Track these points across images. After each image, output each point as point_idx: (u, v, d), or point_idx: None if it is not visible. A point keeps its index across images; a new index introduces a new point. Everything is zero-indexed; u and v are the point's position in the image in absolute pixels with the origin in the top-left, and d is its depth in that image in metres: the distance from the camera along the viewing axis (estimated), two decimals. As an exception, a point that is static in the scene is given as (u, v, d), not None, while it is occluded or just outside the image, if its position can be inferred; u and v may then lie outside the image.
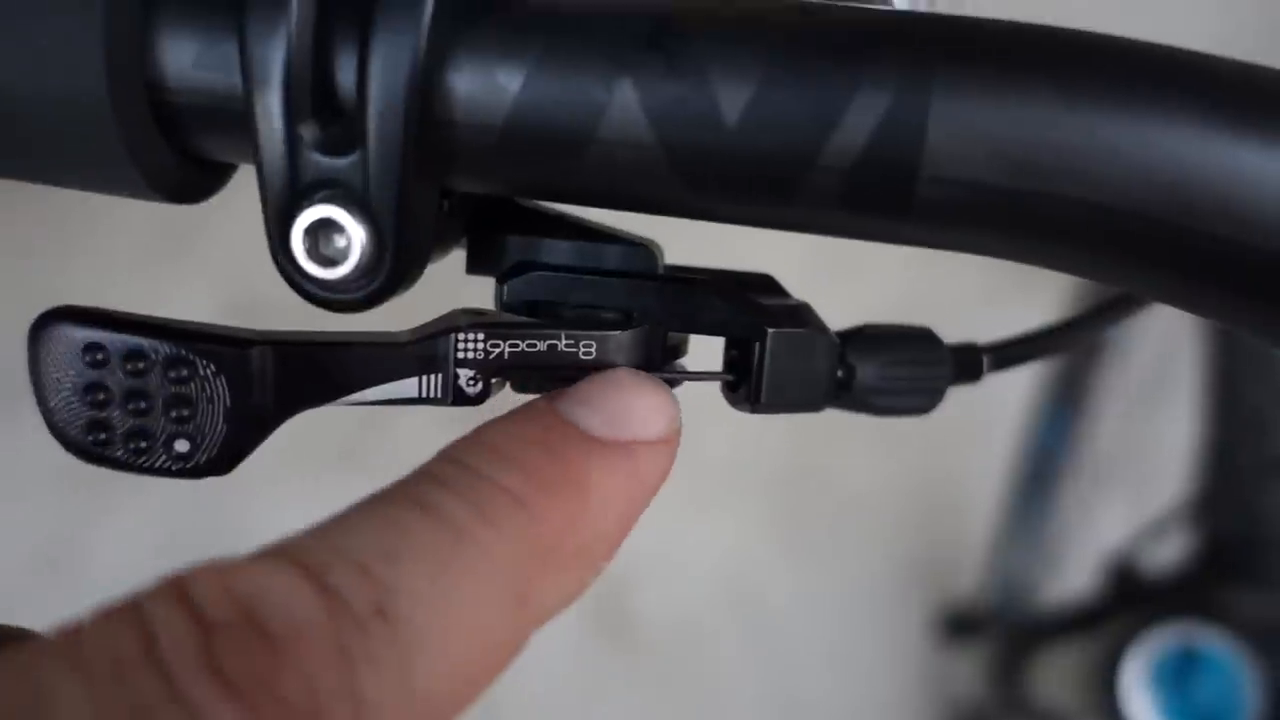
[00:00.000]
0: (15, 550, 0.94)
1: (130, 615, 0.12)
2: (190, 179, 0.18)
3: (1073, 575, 0.79)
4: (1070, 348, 0.26)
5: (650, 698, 0.96)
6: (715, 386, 0.20)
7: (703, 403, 0.23)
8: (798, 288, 0.21)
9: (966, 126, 0.15)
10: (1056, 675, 0.63)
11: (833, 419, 0.18)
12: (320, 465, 0.98)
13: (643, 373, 0.18)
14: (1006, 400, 0.87)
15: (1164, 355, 0.76)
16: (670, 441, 0.17)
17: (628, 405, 0.16)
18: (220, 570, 0.13)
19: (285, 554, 0.13)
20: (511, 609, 0.14)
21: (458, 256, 0.21)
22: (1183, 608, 0.52)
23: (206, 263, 1.03)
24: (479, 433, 0.16)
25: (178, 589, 0.12)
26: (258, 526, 0.97)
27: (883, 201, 0.16)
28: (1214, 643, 0.50)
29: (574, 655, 0.93)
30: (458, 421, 0.16)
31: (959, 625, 0.92)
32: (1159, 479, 0.70)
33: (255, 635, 0.12)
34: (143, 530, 0.97)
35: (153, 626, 0.12)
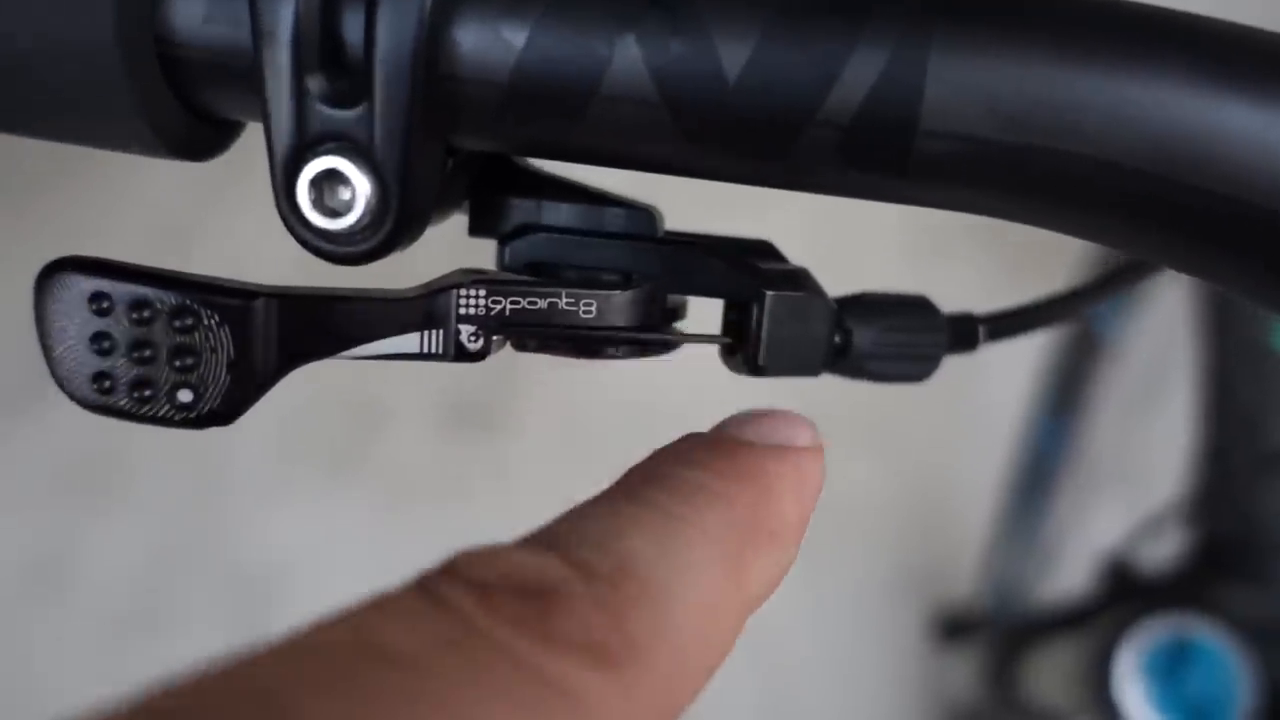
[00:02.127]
0: (6, 556, 0.94)
1: (432, 605, 0.13)
2: (198, 135, 0.18)
3: (1068, 576, 0.79)
4: (1066, 320, 0.26)
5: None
6: (718, 390, 0.21)
7: (701, 409, 0.23)
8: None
9: (964, 82, 0.15)
10: (1051, 673, 0.63)
11: (830, 427, 0.19)
12: (313, 472, 0.98)
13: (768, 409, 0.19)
14: (1004, 404, 0.88)
15: (1159, 356, 0.77)
16: (819, 450, 0.18)
17: (769, 422, 0.18)
18: (479, 555, 0.14)
19: (521, 542, 0.15)
20: (731, 575, 0.15)
21: (459, 227, 0.21)
22: (1176, 602, 0.52)
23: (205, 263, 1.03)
24: (653, 466, 0.17)
25: (455, 576, 0.13)
26: (251, 531, 0.97)
27: (881, 157, 0.16)
28: (1206, 635, 0.50)
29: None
30: (455, 425, 0.16)
31: (955, 628, 0.92)
32: (1155, 479, 0.70)
33: (527, 594, 0.13)
34: (135, 535, 0.96)
35: (463, 613, 0.13)
